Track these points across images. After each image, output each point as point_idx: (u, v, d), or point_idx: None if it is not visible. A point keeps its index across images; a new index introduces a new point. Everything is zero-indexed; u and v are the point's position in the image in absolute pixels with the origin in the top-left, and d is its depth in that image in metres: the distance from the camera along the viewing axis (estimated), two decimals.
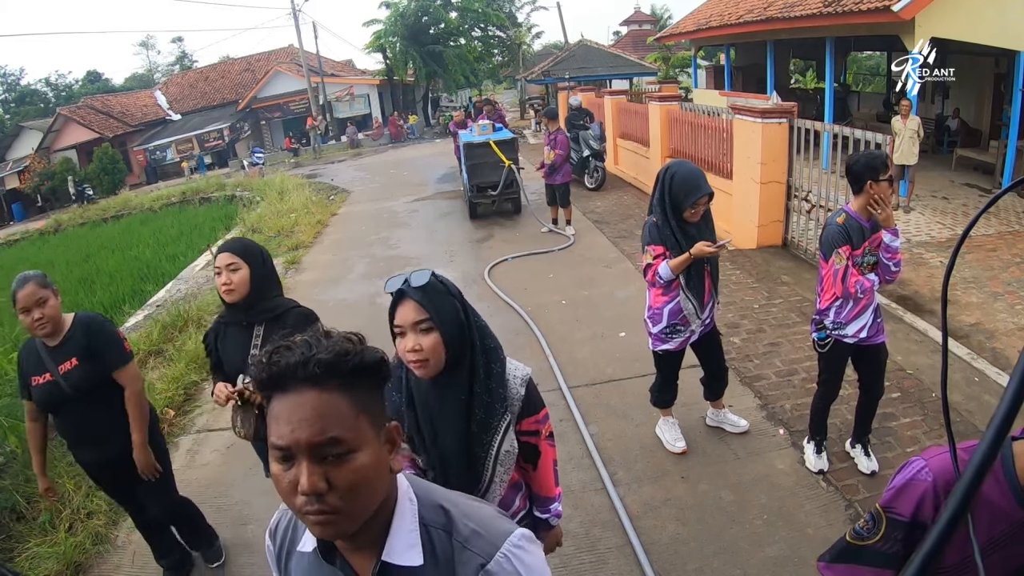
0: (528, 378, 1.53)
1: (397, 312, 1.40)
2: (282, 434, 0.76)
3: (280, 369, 0.77)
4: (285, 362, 0.77)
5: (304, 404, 0.77)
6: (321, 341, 0.80)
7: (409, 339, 1.38)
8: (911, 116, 7.45)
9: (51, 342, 2.31)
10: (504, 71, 31.64)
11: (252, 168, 19.04)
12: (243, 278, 2.11)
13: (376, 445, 0.82)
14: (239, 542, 2.95)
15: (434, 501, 0.91)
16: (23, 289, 2.21)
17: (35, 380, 2.31)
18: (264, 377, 0.78)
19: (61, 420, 2.41)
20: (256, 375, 0.79)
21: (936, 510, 1.02)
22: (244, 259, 2.13)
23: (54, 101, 37.41)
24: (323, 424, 0.76)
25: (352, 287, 6.70)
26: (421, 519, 0.89)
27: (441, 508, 0.91)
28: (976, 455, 0.45)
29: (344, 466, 0.77)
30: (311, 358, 0.77)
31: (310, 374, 0.77)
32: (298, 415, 0.76)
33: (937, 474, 1.03)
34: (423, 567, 0.86)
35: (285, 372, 0.77)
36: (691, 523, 2.75)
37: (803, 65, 21.26)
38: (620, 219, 8.14)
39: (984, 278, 5.38)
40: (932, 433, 3.20)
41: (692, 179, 2.75)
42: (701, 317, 2.99)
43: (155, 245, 11.25)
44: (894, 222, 2.59)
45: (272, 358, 0.79)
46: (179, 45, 46.24)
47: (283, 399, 0.78)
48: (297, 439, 0.75)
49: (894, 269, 2.65)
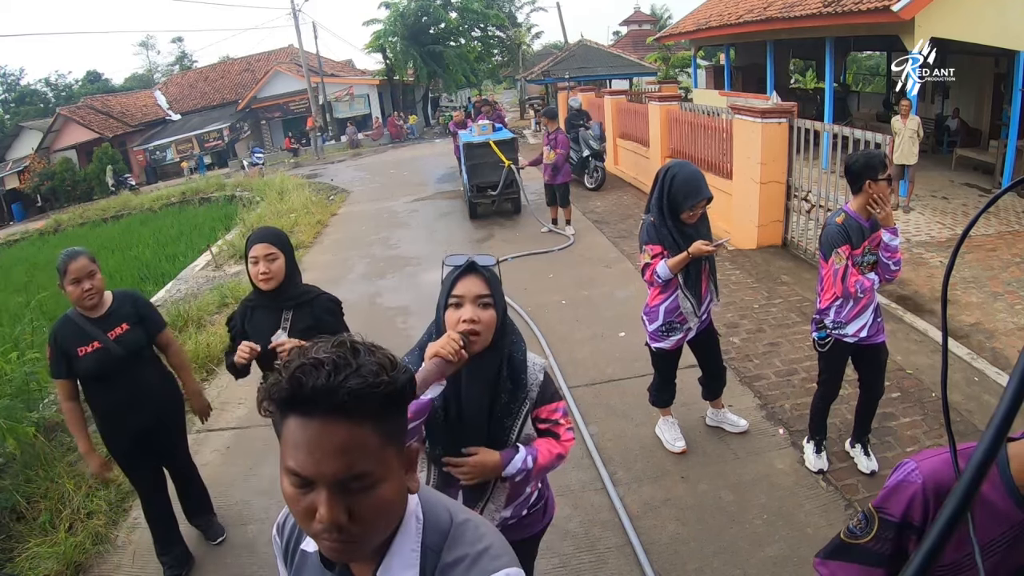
0: (545, 368, 1.60)
1: (460, 283, 1.47)
2: (302, 464, 0.71)
3: (306, 393, 0.70)
4: (311, 385, 0.69)
5: (330, 435, 0.70)
6: (350, 361, 0.72)
7: (468, 310, 1.45)
8: (911, 116, 7.45)
9: (94, 314, 2.48)
10: (504, 71, 31.65)
11: (252, 168, 19.04)
12: (280, 267, 2.23)
13: (399, 472, 0.78)
14: (239, 542, 2.95)
15: (441, 525, 0.87)
16: (76, 261, 2.38)
17: (82, 351, 2.43)
18: (285, 396, 0.71)
19: (109, 388, 2.51)
20: (275, 391, 0.72)
21: (925, 512, 1.03)
22: (281, 249, 2.25)
23: (54, 101, 37.40)
24: (350, 459, 0.71)
25: (352, 287, 6.69)
26: (423, 541, 0.85)
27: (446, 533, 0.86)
28: (976, 454, 0.45)
29: (367, 498, 0.73)
30: (341, 385, 0.70)
31: (339, 403, 0.70)
32: (323, 447, 0.70)
33: (927, 476, 1.04)
34: None
35: (311, 397, 0.70)
36: (691, 523, 2.75)
37: (803, 65, 21.25)
38: (620, 219, 8.14)
39: (984, 278, 5.38)
40: (932, 433, 3.20)
41: (693, 182, 2.75)
42: (699, 315, 3.00)
43: (155, 245, 11.25)
44: (893, 221, 2.60)
45: (296, 375, 0.70)
46: (179, 45, 46.28)
47: (304, 424, 0.71)
48: (321, 472, 0.71)
49: (894, 268, 2.65)
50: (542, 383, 1.57)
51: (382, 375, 0.73)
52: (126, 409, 2.56)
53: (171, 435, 2.80)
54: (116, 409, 2.56)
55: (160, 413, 2.67)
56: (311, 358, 0.71)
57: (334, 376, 0.70)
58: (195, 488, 2.96)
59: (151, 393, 2.62)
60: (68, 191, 22.83)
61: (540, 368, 1.58)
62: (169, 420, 2.75)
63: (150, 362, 2.67)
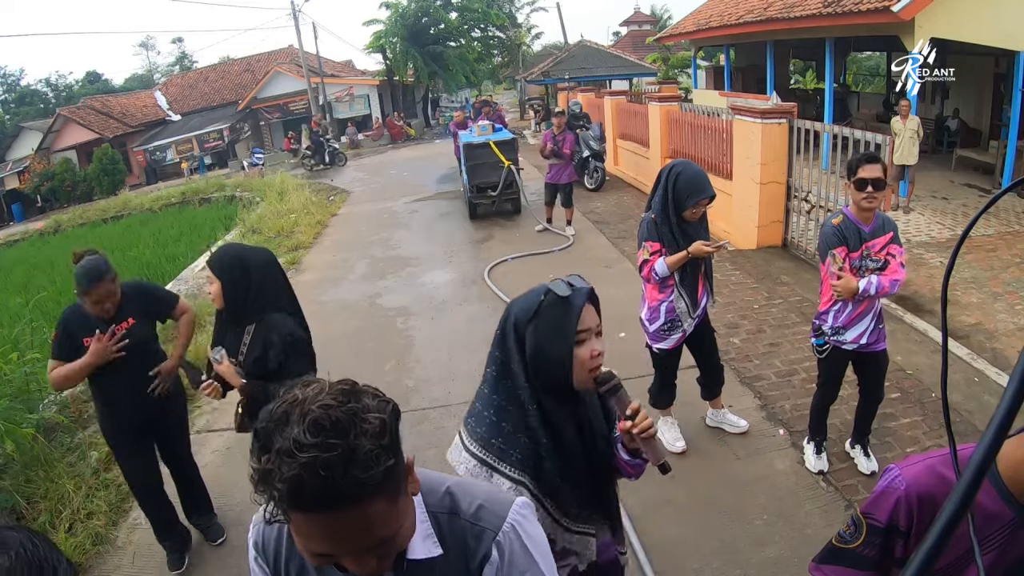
0: None
1: (586, 315, 1.27)
2: (322, 549, 0.71)
3: (306, 501, 0.66)
4: (310, 492, 0.65)
5: (342, 523, 0.69)
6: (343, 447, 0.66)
7: (597, 343, 1.29)
8: (911, 116, 7.44)
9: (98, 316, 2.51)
10: (504, 71, 31.66)
11: (252, 169, 19.03)
12: (216, 291, 2.17)
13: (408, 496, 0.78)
14: (239, 543, 2.95)
15: (437, 488, 0.90)
16: (100, 287, 2.43)
17: (87, 341, 2.46)
18: (285, 497, 0.67)
19: (111, 379, 2.54)
20: (267, 490, 0.68)
21: (910, 517, 1.06)
22: (216, 274, 2.17)
23: (54, 101, 37.38)
24: (369, 534, 0.71)
25: (352, 288, 6.69)
26: (428, 508, 0.88)
27: (446, 492, 0.90)
28: (976, 454, 0.45)
29: (391, 546, 0.75)
30: (341, 484, 0.65)
31: (344, 499, 0.67)
32: (337, 535, 0.69)
33: (910, 483, 1.06)
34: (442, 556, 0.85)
35: (312, 503, 0.66)
36: (691, 523, 2.75)
37: (803, 65, 21.24)
38: (620, 219, 8.14)
39: (984, 278, 5.37)
40: (932, 433, 3.20)
41: (697, 181, 2.76)
42: (693, 317, 3.01)
43: (155, 245, 11.24)
44: (854, 285, 2.53)
45: (291, 483, 0.65)
46: (179, 46, 46.29)
47: (312, 520, 0.69)
48: (344, 551, 0.71)
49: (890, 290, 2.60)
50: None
51: (380, 456, 0.68)
52: (127, 400, 2.60)
53: (171, 430, 2.84)
54: (117, 399, 2.61)
55: (161, 406, 2.71)
56: (298, 458, 0.65)
57: (331, 477, 0.65)
58: (195, 487, 2.98)
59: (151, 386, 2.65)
60: (68, 192, 22.82)
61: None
62: (171, 414, 2.80)
63: (154, 355, 2.72)
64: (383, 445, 0.69)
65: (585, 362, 1.28)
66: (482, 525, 0.88)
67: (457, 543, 0.87)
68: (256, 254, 2.27)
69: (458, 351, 4.67)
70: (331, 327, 5.18)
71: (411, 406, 3.98)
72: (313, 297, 6.17)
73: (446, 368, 4.42)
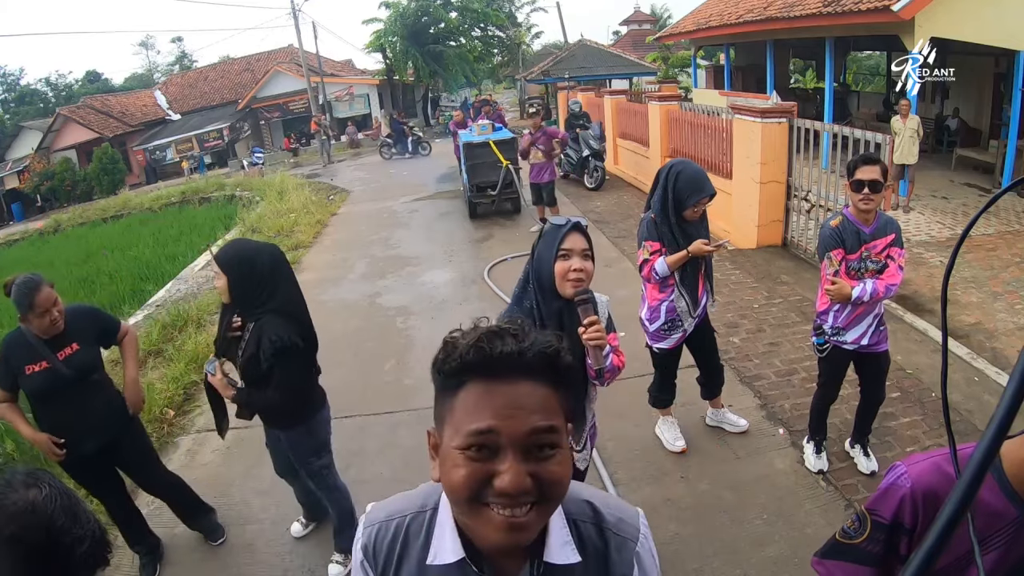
0: (608, 303, 1.97)
1: (568, 239, 1.77)
2: (492, 422, 0.71)
3: (495, 356, 0.72)
4: (500, 350, 0.72)
5: (521, 393, 0.72)
6: (529, 332, 0.76)
7: (575, 261, 1.77)
8: (910, 116, 7.45)
9: (46, 336, 2.40)
10: (504, 71, 31.62)
11: (252, 168, 19.01)
12: (223, 287, 2.19)
13: (567, 449, 0.78)
14: (239, 543, 2.95)
15: (579, 497, 0.90)
16: (41, 293, 2.29)
17: (29, 369, 2.36)
18: (472, 361, 0.73)
19: (57, 410, 2.43)
20: (453, 359, 0.74)
21: (914, 515, 1.06)
22: (224, 269, 2.18)
23: (54, 101, 37.37)
24: (539, 414, 0.72)
25: (352, 287, 6.69)
26: (568, 515, 0.87)
27: (586, 503, 0.90)
28: (976, 454, 0.45)
29: (549, 463, 0.73)
30: (528, 348, 0.73)
31: (528, 364, 0.73)
32: (514, 404, 0.72)
33: (915, 480, 1.06)
34: (580, 563, 0.84)
35: (500, 360, 0.72)
36: (691, 523, 2.75)
37: (803, 65, 21.24)
38: (620, 219, 8.14)
39: (984, 278, 5.37)
40: (932, 433, 3.20)
41: (697, 179, 2.76)
42: (694, 315, 3.01)
43: (155, 245, 11.24)
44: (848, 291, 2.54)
45: (478, 344, 0.73)
46: (179, 45, 46.29)
47: (490, 387, 0.73)
48: (513, 428, 0.71)
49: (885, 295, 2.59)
50: (609, 316, 1.95)
51: (561, 347, 0.76)
52: (72, 430, 2.46)
53: (129, 458, 2.70)
54: (62, 429, 2.45)
55: (109, 437, 2.56)
56: (487, 330, 0.75)
57: (519, 341, 0.73)
58: (183, 498, 2.90)
59: (98, 416, 2.52)
60: (68, 191, 22.82)
61: (605, 304, 1.95)
62: (123, 443, 2.63)
63: (100, 384, 2.57)
64: (555, 350, 0.75)
65: (562, 273, 1.77)
66: (623, 536, 0.90)
67: (597, 553, 0.87)
68: (264, 251, 2.27)
69: None
70: (331, 327, 5.17)
71: (411, 406, 3.98)
72: (313, 297, 6.15)
73: None
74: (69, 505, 0.91)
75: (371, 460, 3.43)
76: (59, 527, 0.87)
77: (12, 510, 0.86)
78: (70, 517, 0.90)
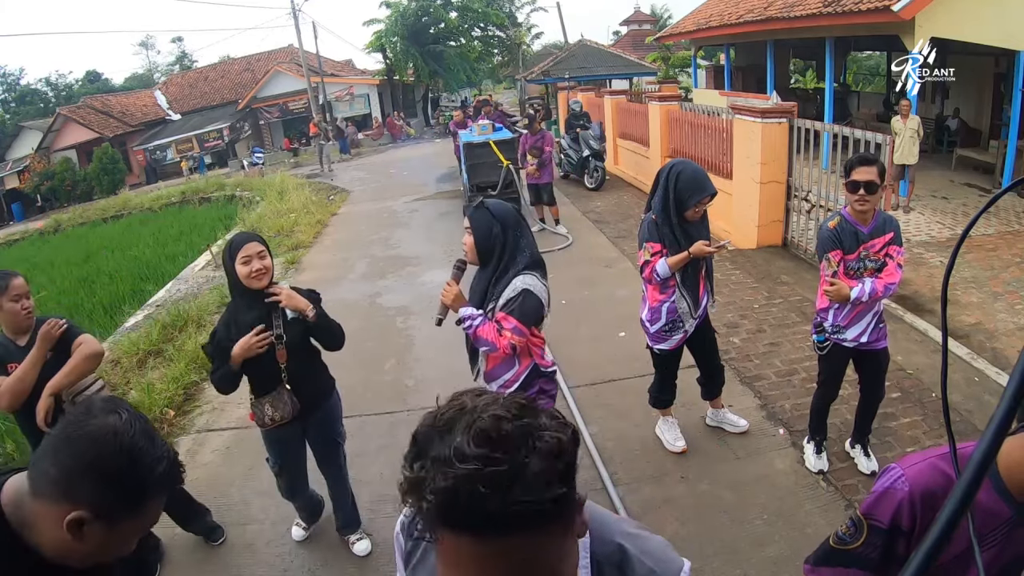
0: (530, 291, 2.14)
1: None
2: None
3: (459, 512, 0.58)
4: (466, 503, 0.57)
5: (497, 555, 0.59)
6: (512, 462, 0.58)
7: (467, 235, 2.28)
8: (911, 116, 7.44)
9: (20, 340, 2.44)
10: (504, 71, 31.65)
11: (252, 168, 19.01)
12: (270, 264, 2.36)
13: (574, 540, 0.68)
14: (239, 543, 2.95)
15: (611, 536, 0.82)
16: (16, 279, 2.41)
17: (11, 366, 2.40)
18: (434, 510, 0.59)
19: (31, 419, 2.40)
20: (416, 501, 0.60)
21: (913, 517, 1.05)
22: (267, 248, 2.38)
23: (54, 101, 37.35)
24: (523, 574, 0.61)
25: (353, 287, 6.69)
26: (593, 554, 0.81)
27: (618, 545, 0.82)
28: (976, 454, 0.45)
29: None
30: (505, 498, 0.57)
31: (505, 521, 0.57)
32: (488, 567, 0.60)
33: (913, 482, 1.06)
34: None
35: (465, 515, 0.58)
36: (691, 523, 2.75)
37: (803, 65, 21.24)
38: (620, 219, 8.14)
39: (984, 278, 5.37)
40: (932, 433, 3.20)
41: (697, 179, 2.76)
42: (695, 316, 3.00)
43: (155, 245, 11.25)
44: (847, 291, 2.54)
45: (444, 485, 0.58)
46: (179, 45, 46.26)
47: (463, 542, 0.59)
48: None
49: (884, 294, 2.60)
50: (510, 298, 2.14)
51: (552, 482, 0.59)
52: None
53: None
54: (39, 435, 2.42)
55: None
56: (456, 469, 0.58)
57: (491, 495, 0.57)
58: (174, 497, 2.83)
59: None
60: (68, 191, 22.82)
61: (519, 289, 2.14)
62: None
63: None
64: (556, 470, 0.60)
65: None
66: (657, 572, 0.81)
67: None
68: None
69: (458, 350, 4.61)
70: None
71: (410, 406, 3.98)
72: None
73: (446, 368, 4.40)
74: (146, 429, 0.95)
75: (371, 460, 3.43)
76: (139, 449, 0.92)
77: (95, 435, 0.90)
78: (148, 440, 0.94)
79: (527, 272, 2.18)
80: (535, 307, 2.17)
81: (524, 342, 2.20)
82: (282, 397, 2.39)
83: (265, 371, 2.38)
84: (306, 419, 2.54)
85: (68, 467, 0.90)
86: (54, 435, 0.93)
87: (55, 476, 0.90)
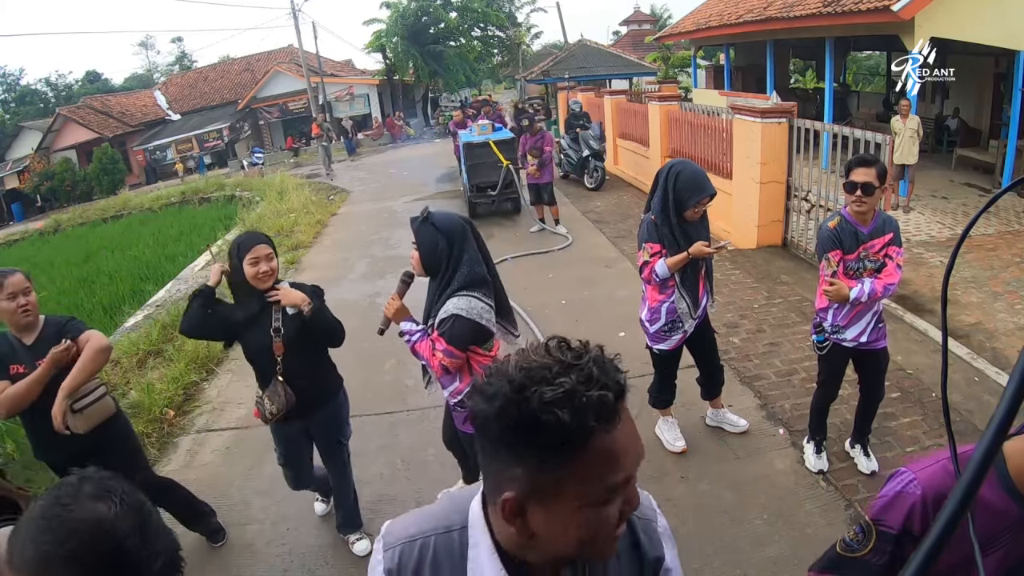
0: (462, 315, 2.16)
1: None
2: (624, 468, 0.72)
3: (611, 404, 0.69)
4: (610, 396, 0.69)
5: (628, 430, 0.72)
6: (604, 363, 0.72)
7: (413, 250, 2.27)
8: (911, 116, 7.44)
9: (26, 339, 2.42)
10: (504, 71, 31.66)
11: (252, 168, 19.01)
12: (277, 265, 2.42)
13: None
14: (239, 543, 2.95)
15: None
16: (13, 276, 2.36)
17: (14, 368, 2.37)
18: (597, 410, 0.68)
19: (35, 414, 2.40)
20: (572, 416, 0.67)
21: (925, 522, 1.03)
22: (274, 249, 2.44)
23: (54, 101, 37.36)
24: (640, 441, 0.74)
25: (352, 287, 6.69)
26: None
27: None
28: (976, 454, 0.45)
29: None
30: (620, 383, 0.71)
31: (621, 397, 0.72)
32: (631, 443, 0.72)
33: (926, 487, 1.03)
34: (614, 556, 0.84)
35: (615, 408, 0.70)
36: (691, 523, 2.75)
37: (803, 65, 21.23)
38: (620, 219, 8.14)
39: (984, 278, 5.37)
40: (932, 433, 3.20)
41: (697, 179, 2.75)
42: (694, 317, 3.01)
43: (155, 245, 11.25)
44: (846, 292, 2.54)
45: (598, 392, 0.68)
46: (179, 45, 46.31)
47: (614, 433, 0.70)
48: (634, 466, 0.73)
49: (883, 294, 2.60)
50: (442, 319, 2.20)
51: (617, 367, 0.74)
52: (54, 439, 2.42)
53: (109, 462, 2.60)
54: (43, 435, 2.45)
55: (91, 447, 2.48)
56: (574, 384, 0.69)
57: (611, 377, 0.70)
58: (176, 499, 2.86)
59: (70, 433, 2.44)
60: (68, 191, 22.83)
61: (450, 313, 2.17)
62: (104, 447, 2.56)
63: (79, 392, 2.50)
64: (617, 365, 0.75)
65: None
66: (646, 518, 0.93)
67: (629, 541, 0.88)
68: None
69: None
70: None
71: (410, 406, 3.98)
72: None
73: None
74: (142, 523, 0.83)
75: (371, 460, 3.43)
76: (127, 545, 0.80)
77: (74, 526, 0.78)
78: (142, 535, 0.81)
79: (463, 293, 2.17)
80: (465, 332, 2.17)
81: (458, 364, 2.24)
82: (276, 390, 2.42)
83: (265, 364, 2.45)
84: (310, 416, 2.55)
85: (46, 553, 0.78)
86: (36, 512, 0.81)
87: (31, 557, 0.78)
